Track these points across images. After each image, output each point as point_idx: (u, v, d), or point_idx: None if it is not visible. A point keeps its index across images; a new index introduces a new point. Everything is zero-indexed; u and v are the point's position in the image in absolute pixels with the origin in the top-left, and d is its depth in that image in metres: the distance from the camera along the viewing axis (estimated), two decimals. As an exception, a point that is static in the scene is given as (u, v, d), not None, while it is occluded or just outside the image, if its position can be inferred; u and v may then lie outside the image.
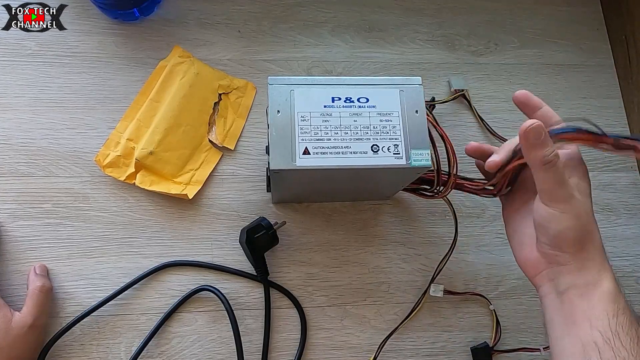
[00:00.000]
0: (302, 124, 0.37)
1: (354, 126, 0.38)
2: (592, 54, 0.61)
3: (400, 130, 0.38)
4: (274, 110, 0.37)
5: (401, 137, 0.38)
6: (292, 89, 0.38)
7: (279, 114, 0.37)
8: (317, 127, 0.37)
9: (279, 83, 0.38)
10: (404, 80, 0.39)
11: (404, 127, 0.38)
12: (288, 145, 0.36)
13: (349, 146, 0.37)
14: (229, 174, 0.51)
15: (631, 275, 0.53)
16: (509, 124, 0.57)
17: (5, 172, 0.48)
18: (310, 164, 0.37)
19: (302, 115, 0.37)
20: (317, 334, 0.48)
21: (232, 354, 0.45)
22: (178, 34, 0.55)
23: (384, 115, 0.38)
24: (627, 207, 0.56)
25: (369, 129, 0.38)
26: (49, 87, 0.51)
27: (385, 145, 0.37)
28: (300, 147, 0.37)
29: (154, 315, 0.46)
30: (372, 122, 0.38)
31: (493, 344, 0.49)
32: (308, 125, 0.37)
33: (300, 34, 0.57)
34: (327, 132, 0.37)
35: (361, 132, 0.38)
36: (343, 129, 0.38)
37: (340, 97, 0.38)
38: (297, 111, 0.37)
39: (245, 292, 0.48)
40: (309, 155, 0.37)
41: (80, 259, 0.47)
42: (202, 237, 0.49)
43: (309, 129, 0.37)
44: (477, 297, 0.50)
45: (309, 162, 0.37)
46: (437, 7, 0.60)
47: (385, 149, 0.37)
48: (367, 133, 0.38)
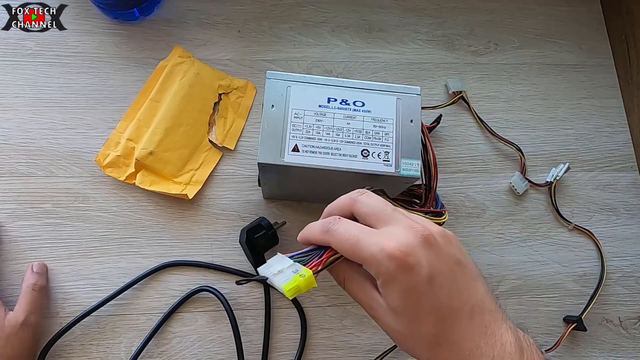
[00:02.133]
0: (295, 120, 0.37)
1: (346, 129, 0.38)
2: (592, 54, 0.61)
3: (392, 138, 0.38)
4: (268, 104, 0.37)
5: (393, 144, 0.38)
6: (289, 86, 0.38)
7: (273, 109, 0.37)
8: (309, 126, 0.37)
9: (277, 78, 0.38)
10: (402, 88, 0.39)
11: (397, 135, 0.38)
12: (278, 140, 0.37)
13: (339, 148, 0.37)
14: (229, 174, 0.51)
15: (631, 275, 0.53)
16: (509, 124, 0.57)
17: (5, 172, 0.48)
18: (298, 161, 0.37)
19: (296, 113, 0.38)
20: (317, 334, 0.48)
21: (232, 354, 0.45)
22: (178, 34, 0.55)
23: (378, 121, 0.38)
24: (627, 207, 0.56)
25: (362, 133, 0.38)
26: (49, 87, 0.51)
27: (375, 151, 0.37)
28: (290, 143, 0.37)
29: (154, 315, 0.46)
30: (366, 126, 0.38)
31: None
32: (301, 123, 0.37)
33: (300, 34, 0.57)
34: (318, 132, 0.37)
35: (353, 135, 0.38)
36: (335, 130, 0.38)
37: (336, 99, 0.38)
38: (292, 108, 0.38)
39: (245, 292, 0.48)
40: (298, 153, 0.37)
41: (80, 259, 0.47)
42: (202, 237, 0.49)
43: (301, 127, 0.37)
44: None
45: (297, 159, 0.37)
46: (437, 7, 0.60)
47: (376, 155, 0.37)
48: (359, 137, 0.38)
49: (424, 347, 0.28)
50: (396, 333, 0.28)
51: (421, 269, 0.26)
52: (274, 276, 0.28)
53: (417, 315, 0.27)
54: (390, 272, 0.26)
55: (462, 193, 0.54)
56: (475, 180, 0.54)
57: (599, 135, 0.58)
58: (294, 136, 0.37)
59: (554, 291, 0.52)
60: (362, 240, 0.27)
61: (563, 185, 0.55)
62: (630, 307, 0.52)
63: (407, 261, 0.26)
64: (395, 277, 0.26)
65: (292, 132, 0.37)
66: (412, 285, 0.26)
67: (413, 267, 0.26)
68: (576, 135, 0.58)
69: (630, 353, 0.51)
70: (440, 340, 0.27)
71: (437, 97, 0.56)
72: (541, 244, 0.53)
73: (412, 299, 0.27)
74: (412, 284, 0.26)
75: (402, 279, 0.26)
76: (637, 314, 0.52)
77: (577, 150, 0.57)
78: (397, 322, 0.28)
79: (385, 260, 0.26)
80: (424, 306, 0.27)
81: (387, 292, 0.27)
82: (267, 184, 0.46)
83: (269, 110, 0.37)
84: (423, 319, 0.27)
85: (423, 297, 0.27)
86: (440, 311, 0.27)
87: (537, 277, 0.52)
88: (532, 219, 0.54)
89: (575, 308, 0.51)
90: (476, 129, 0.56)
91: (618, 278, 0.53)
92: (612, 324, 0.52)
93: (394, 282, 0.26)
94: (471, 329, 0.27)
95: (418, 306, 0.27)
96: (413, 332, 0.27)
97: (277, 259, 0.30)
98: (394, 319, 0.28)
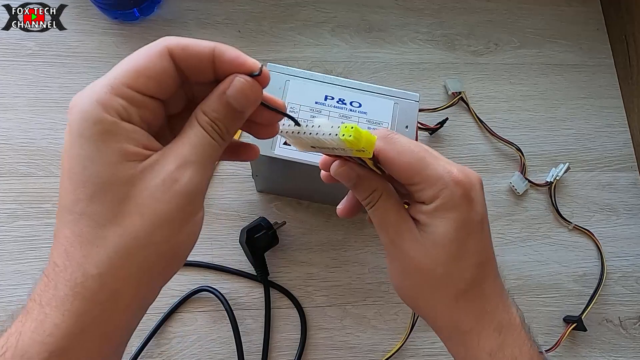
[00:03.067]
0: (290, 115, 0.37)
1: None
2: (592, 54, 0.61)
3: None
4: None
5: None
6: (288, 79, 0.38)
7: None
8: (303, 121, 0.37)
9: (277, 71, 0.38)
10: (402, 93, 0.39)
11: None
12: None
13: None
14: (229, 174, 0.51)
15: (631, 275, 0.53)
16: (509, 124, 0.57)
17: (5, 172, 0.48)
18: (288, 155, 0.37)
19: (292, 107, 0.38)
20: (317, 334, 0.48)
21: (232, 354, 0.45)
22: (178, 34, 0.54)
23: (372, 123, 0.38)
24: (627, 207, 0.56)
25: None
26: (49, 87, 0.51)
27: None
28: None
29: (154, 315, 0.46)
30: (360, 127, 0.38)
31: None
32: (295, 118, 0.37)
33: (300, 34, 0.57)
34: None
35: None
36: None
37: (333, 97, 0.38)
38: (288, 101, 0.38)
39: (245, 292, 0.48)
40: (289, 147, 0.37)
41: (80, 259, 0.47)
42: (202, 237, 0.48)
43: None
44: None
45: (287, 153, 0.37)
46: (437, 7, 0.60)
47: None
48: None
49: (449, 294, 0.26)
50: (419, 272, 0.25)
51: (478, 207, 0.26)
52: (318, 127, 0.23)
53: (462, 251, 0.25)
54: (454, 197, 0.25)
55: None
56: (475, 180, 0.54)
57: (599, 135, 0.58)
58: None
59: (554, 291, 0.52)
60: (429, 157, 0.25)
61: (563, 185, 0.55)
62: (630, 307, 0.52)
63: (470, 193, 0.25)
64: (457, 205, 0.25)
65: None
66: (469, 219, 0.25)
67: (474, 200, 0.25)
68: (576, 135, 0.58)
69: (630, 353, 0.51)
70: (473, 285, 0.26)
71: (437, 97, 0.56)
72: (541, 244, 0.53)
73: (464, 232, 0.25)
74: (469, 217, 0.25)
75: (462, 209, 0.25)
76: (637, 314, 0.52)
77: (577, 150, 0.57)
78: (431, 256, 0.25)
79: (452, 183, 0.24)
80: (472, 244, 0.25)
81: (441, 217, 0.25)
82: (259, 177, 0.46)
83: None
84: (466, 257, 0.25)
85: (474, 235, 0.25)
86: (482, 255, 0.26)
87: (537, 277, 0.52)
88: (532, 219, 0.54)
89: (575, 308, 0.51)
90: (476, 129, 0.56)
91: (618, 278, 0.53)
92: (612, 324, 0.52)
93: (454, 209, 0.25)
94: (497, 286, 0.27)
95: (466, 242, 0.25)
96: (448, 271, 0.25)
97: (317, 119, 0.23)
98: (429, 251, 0.25)
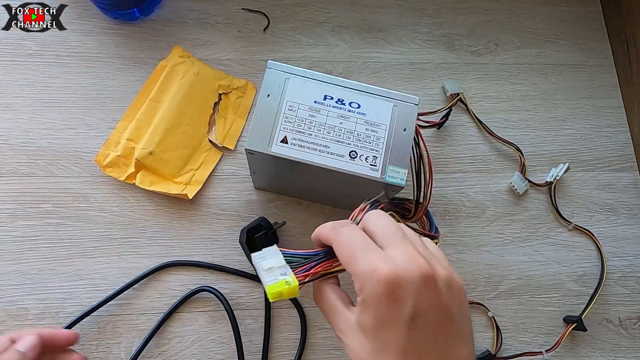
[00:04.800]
0: (288, 113, 0.37)
1: (338, 128, 0.38)
2: (592, 54, 0.61)
3: (383, 144, 0.38)
4: (264, 93, 0.38)
5: (382, 150, 0.37)
6: (288, 78, 0.38)
7: (269, 98, 0.38)
8: (301, 120, 0.37)
9: (277, 69, 0.38)
10: (401, 96, 0.39)
11: (388, 141, 0.38)
12: (269, 129, 0.37)
13: (327, 146, 0.37)
14: (229, 174, 0.51)
15: (631, 275, 0.53)
16: (509, 124, 0.57)
17: (5, 172, 0.48)
18: (284, 152, 0.37)
19: (290, 105, 0.38)
20: (317, 334, 0.48)
21: (232, 354, 0.45)
22: (178, 34, 0.55)
23: (371, 125, 0.38)
24: (627, 207, 0.56)
25: (353, 134, 0.38)
26: (49, 87, 0.51)
27: (364, 154, 0.37)
28: (280, 134, 0.37)
29: (154, 315, 0.46)
30: (358, 128, 0.38)
31: (495, 351, 0.48)
32: (293, 116, 0.37)
33: (300, 34, 0.57)
34: (310, 127, 0.37)
35: (344, 135, 0.38)
36: (327, 128, 0.38)
37: (332, 97, 0.38)
38: (287, 100, 0.38)
39: (245, 292, 0.48)
40: (286, 145, 0.37)
41: (80, 259, 0.47)
42: (202, 237, 0.49)
43: (293, 120, 0.37)
44: (475, 305, 0.50)
45: (284, 151, 0.37)
46: (437, 7, 0.60)
47: (363, 158, 0.37)
48: (349, 138, 0.38)
49: None
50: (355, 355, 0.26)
51: (405, 306, 0.24)
52: (263, 271, 0.27)
53: (382, 348, 0.24)
54: (374, 296, 0.24)
55: (462, 193, 0.54)
56: (475, 180, 0.54)
57: (599, 135, 0.58)
58: (285, 128, 0.37)
59: (554, 291, 0.52)
60: (359, 252, 0.26)
61: (563, 185, 0.55)
62: (630, 307, 0.52)
63: (394, 292, 0.24)
64: (377, 303, 0.24)
65: (284, 124, 0.37)
66: (389, 318, 0.24)
67: (398, 300, 0.24)
68: (576, 135, 0.58)
69: (630, 353, 0.51)
70: None
71: (437, 97, 0.56)
72: (541, 244, 0.53)
73: (384, 331, 0.24)
74: (390, 316, 0.24)
75: (382, 307, 0.24)
76: (637, 314, 0.52)
77: (577, 150, 0.57)
78: (360, 345, 0.25)
79: (373, 282, 0.24)
80: (393, 344, 0.24)
81: (364, 312, 0.25)
82: (256, 173, 0.46)
83: (265, 99, 0.38)
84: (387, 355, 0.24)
85: (396, 335, 0.24)
86: (405, 356, 0.24)
87: (537, 277, 0.52)
88: (532, 219, 0.54)
89: (575, 308, 0.51)
90: (476, 129, 0.56)
91: (618, 278, 0.53)
92: (612, 324, 0.52)
93: (374, 307, 0.25)
94: None
95: (387, 341, 0.24)
96: None
97: (272, 251, 0.28)
98: (358, 339, 0.25)
